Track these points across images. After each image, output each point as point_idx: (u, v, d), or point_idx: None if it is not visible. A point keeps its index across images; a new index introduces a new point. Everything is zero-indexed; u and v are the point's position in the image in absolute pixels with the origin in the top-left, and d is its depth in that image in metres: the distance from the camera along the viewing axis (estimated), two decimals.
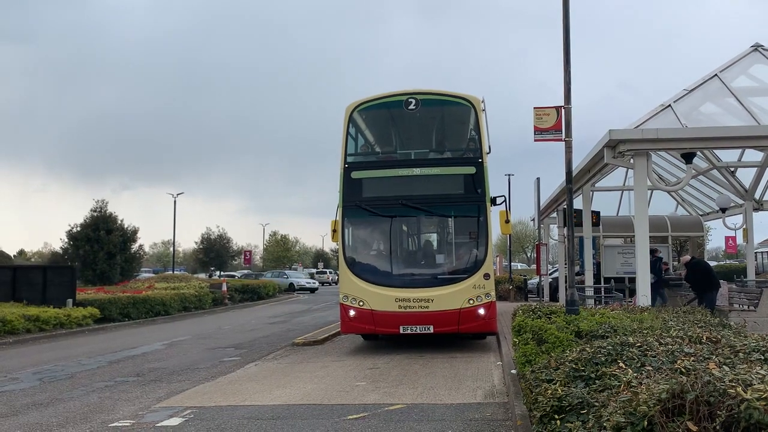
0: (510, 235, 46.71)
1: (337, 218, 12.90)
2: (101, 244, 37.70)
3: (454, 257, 13.22)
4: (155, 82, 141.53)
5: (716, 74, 13.70)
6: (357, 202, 12.87)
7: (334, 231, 12.86)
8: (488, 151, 12.90)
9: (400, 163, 13.46)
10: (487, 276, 12.30)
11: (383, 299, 12.28)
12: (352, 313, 12.55)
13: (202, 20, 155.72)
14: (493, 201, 12.72)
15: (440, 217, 13.47)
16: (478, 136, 12.89)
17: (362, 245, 13.63)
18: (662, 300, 15.60)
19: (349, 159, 13.14)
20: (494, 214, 12.76)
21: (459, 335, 13.17)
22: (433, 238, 15.00)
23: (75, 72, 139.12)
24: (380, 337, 13.78)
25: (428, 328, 12.15)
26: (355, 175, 13.00)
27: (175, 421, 7.45)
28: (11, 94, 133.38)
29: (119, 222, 39.68)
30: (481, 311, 12.16)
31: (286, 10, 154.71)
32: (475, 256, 12.66)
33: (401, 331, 12.25)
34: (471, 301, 12.12)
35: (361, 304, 12.42)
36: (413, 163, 13.32)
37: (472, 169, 12.74)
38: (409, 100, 13.11)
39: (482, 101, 13.13)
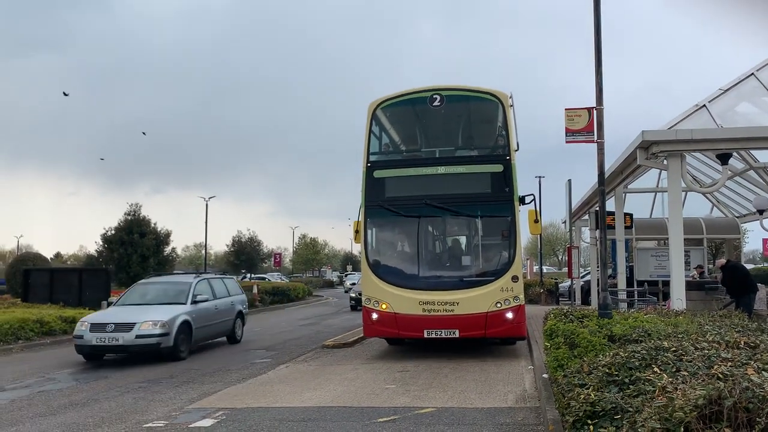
0: (541, 237, 46.36)
1: (360, 219, 12.59)
2: (135, 247, 38.36)
3: (481, 259, 12.75)
4: (185, 88, 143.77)
5: (753, 73, 13.40)
6: (380, 203, 12.48)
7: (357, 232, 12.55)
8: (516, 148, 12.41)
9: (425, 161, 13.05)
10: (515, 278, 11.79)
11: (407, 302, 11.88)
12: (374, 316, 12.18)
13: (231, 28, 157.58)
14: (522, 200, 12.24)
15: (466, 217, 12.89)
16: (505, 132, 12.38)
17: (385, 246, 13.26)
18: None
19: (372, 158, 12.74)
20: (523, 213, 12.33)
21: (486, 340, 12.71)
22: (459, 238, 14.41)
23: (106, 79, 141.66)
24: (407, 341, 13.51)
25: (454, 333, 11.67)
26: (377, 174, 12.63)
27: (207, 423, 7.54)
28: (45, 101, 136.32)
29: (152, 225, 40.31)
30: (510, 315, 11.65)
31: (315, 17, 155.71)
32: (502, 257, 12.18)
33: (425, 335, 11.79)
34: (498, 305, 11.63)
35: (384, 307, 12.10)
36: (438, 161, 12.85)
37: (499, 167, 12.27)
38: (434, 96, 12.69)
39: (510, 97, 12.62)
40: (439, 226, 13.72)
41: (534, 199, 12.42)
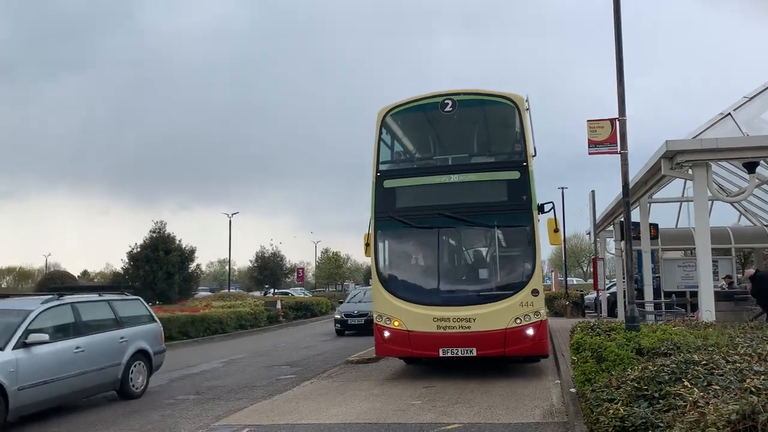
0: (565, 249, 46.00)
1: (370, 231, 11.99)
2: (160, 264, 38.67)
3: (498, 272, 11.96)
4: (208, 106, 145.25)
5: None
6: (390, 214, 11.85)
7: (367, 245, 11.97)
8: (534, 154, 11.80)
9: (437, 169, 12.44)
10: (535, 292, 11.05)
11: (420, 319, 11.22)
12: (386, 334, 11.51)
13: (254, 45, 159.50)
14: (541, 208, 11.55)
15: (482, 227, 12.14)
16: (522, 137, 11.71)
17: (396, 260, 12.52)
18: None
19: (382, 167, 12.15)
20: (542, 223, 11.56)
21: (506, 358, 11.87)
22: (475, 251, 13.68)
23: (132, 98, 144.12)
24: (424, 360, 12.92)
25: (470, 351, 10.95)
26: (387, 184, 12.03)
27: None
28: (73, 122, 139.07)
29: (177, 242, 40.67)
30: (530, 331, 10.91)
31: (336, 32, 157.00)
32: (521, 269, 11.50)
33: (440, 354, 11.10)
34: (518, 321, 10.89)
35: (396, 324, 11.48)
36: (451, 169, 12.26)
37: (515, 174, 11.57)
38: (446, 101, 12.02)
39: (526, 100, 11.95)
40: (453, 237, 12.78)
41: (553, 207, 11.72)
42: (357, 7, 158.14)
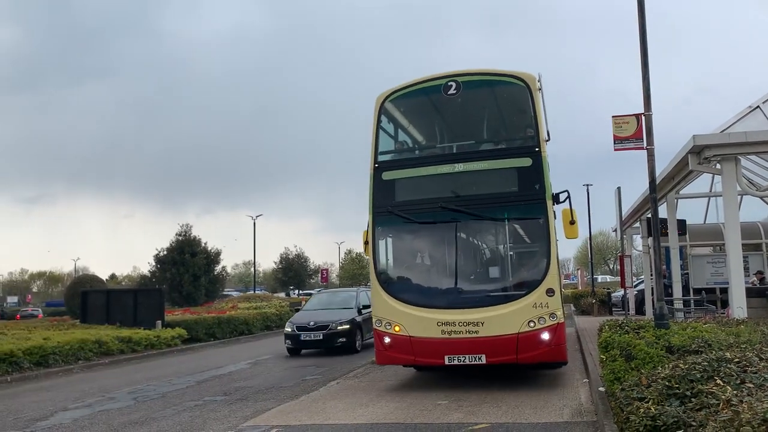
0: (591, 246, 45.50)
1: (368, 228, 11.07)
2: (186, 266, 39.18)
3: (509, 270, 10.92)
4: (231, 112, 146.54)
5: None
6: (389, 208, 10.87)
7: (366, 243, 11.02)
8: (547, 138, 10.79)
9: (440, 158, 11.38)
10: (550, 292, 9.88)
11: (423, 323, 10.22)
12: (387, 340, 10.53)
13: (274, 50, 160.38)
14: (556, 198, 10.43)
15: (490, 221, 11.05)
16: (534, 121, 10.55)
17: (397, 259, 11.50)
18: None
19: (381, 158, 11.20)
20: (557, 215, 10.61)
21: (519, 366, 10.81)
22: (482, 247, 12.28)
23: (156, 105, 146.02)
24: (438, 367, 11.42)
25: (479, 358, 9.94)
26: (386, 175, 11.08)
27: None
28: (98, 128, 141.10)
29: (203, 245, 41.12)
30: (545, 336, 9.78)
31: (354, 33, 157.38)
32: (534, 267, 10.39)
33: (446, 362, 10.10)
34: (532, 324, 9.78)
35: (397, 329, 10.52)
36: (456, 157, 11.16)
37: (527, 161, 10.48)
38: (449, 83, 10.99)
39: (538, 80, 10.82)
40: (458, 232, 11.17)
41: (569, 197, 10.56)
42: (375, 11, 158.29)
